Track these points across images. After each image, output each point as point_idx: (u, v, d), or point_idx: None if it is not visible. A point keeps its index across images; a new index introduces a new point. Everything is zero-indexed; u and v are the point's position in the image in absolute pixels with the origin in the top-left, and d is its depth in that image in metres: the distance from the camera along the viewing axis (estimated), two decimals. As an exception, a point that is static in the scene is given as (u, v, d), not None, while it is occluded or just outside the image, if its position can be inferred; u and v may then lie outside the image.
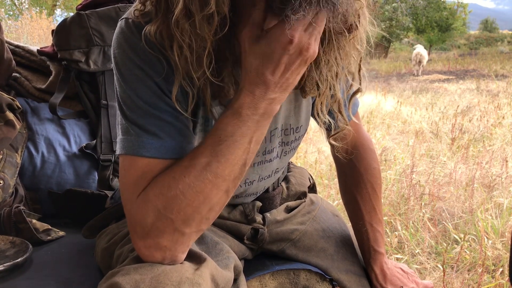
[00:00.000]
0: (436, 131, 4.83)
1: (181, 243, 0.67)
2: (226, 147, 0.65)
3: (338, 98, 0.81)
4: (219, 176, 0.65)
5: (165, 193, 0.65)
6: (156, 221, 0.65)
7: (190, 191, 0.65)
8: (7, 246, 1.05)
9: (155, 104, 0.69)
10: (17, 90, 1.44)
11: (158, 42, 0.68)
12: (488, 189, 2.96)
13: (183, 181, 0.65)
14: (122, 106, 0.71)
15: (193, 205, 0.65)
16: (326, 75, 0.75)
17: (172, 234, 0.66)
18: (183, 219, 0.65)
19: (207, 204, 0.66)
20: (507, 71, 12.83)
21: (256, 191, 0.93)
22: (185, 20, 0.64)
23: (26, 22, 10.63)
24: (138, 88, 0.69)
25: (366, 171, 1.01)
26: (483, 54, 23.02)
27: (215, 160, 0.65)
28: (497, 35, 42.92)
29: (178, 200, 0.65)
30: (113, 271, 0.69)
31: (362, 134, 1.04)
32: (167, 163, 0.69)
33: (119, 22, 0.73)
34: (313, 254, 0.95)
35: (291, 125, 0.88)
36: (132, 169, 0.69)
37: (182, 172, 0.65)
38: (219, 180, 0.65)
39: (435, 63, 17.68)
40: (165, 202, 0.65)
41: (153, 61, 0.69)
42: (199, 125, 0.78)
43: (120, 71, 0.71)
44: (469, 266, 2.05)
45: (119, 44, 0.71)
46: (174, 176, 0.66)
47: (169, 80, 0.70)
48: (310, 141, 4.28)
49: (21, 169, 1.29)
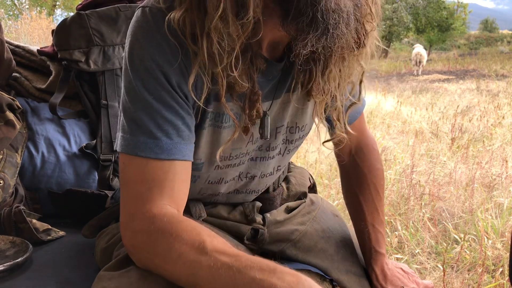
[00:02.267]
0: (436, 131, 4.83)
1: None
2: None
3: (338, 107, 0.82)
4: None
5: (166, 255, 0.65)
6: (143, 247, 0.68)
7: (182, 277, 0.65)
8: (7, 246, 1.05)
9: (160, 98, 0.69)
10: (17, 90, 1.44)
11: (180, 30, 0.67)
12: (488, 189, 2.96)
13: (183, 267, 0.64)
14: (125, 98, 0.71)
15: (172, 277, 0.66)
16: (330, 84, 0.77)
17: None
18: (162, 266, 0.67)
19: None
20: (507, 71, 12.83)
21: (257, 188, 0.93)
22: (221, 22, 0.64)
23: (26, 22, 10.62)
24: (146, 79, 0.69)
25: (370, 171, 1.01)
26: (483, 54, 23.01)
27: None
28: (497, 35, 42.91)
29: (167, 271, 0.66)
30: (99, 275, 0.73)
31: (366, 135, 1.04)
32: (162, 163, 0.69)
33: (136, 11, 0.73)
34: (313, 254, 0.95)
35: (297, 123, 0.88)
36: (130, 167, 0.70)
37: (197, 260, 0.64)
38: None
39: (435, 63, 17.68)
40: (162, 260, 0.66)
41: (167, 52, 0.69)
42: (208, 120, 0.77)
43: (131, 60, 0.70)
44: (469, 266, 2.05)
45: (134, 33, 0.71)
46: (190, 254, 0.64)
47: (182, 72, 0.70)
48: (310, 141, 4.27)
49: (21, 169, 1.29)
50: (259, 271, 0.61)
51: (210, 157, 0.82)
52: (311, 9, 0.62)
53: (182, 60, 0.70)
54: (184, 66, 0.70)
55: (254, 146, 0.85)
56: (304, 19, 0.63)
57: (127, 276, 0.69)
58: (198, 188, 0.87)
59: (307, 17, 0.63)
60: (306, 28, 0.63)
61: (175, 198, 0.71)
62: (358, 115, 0.98)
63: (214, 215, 0.92)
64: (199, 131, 0.77)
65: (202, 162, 0.82)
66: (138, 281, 0.68)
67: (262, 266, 0.62)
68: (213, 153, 0.81)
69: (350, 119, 0.90)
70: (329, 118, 0.86)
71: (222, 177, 0.87)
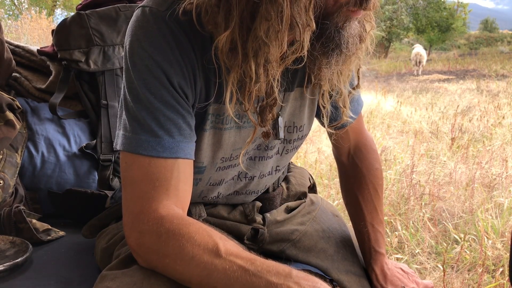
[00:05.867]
0: (436, 131, 4.83)
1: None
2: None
3: (344, 95, 0.86)
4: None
5: (178, 256, 0.65)
6: (152, 247, 0.68)
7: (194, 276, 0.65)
8: (7, 246, 1.05)
9: (161, 97, 0.69)
10: (17, 90, 1.44)
11: (197, 21, 0.68)
12: (488, 189, 2.96)
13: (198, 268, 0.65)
14: (126, 97, 0.71)
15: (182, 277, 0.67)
16: (331, 75, 0.79)
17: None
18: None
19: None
20: (507, 71, 12.83)
21: (257, 189, 0.94)
22: (277, 51, 0.66)
23: (26, 22, 10.62)
24: (147, 78, 0.69)
25: (369, 171, 1.01)
26: (483, 54, 23.02)
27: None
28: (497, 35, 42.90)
29: (178, 272, 0.66)
30: (102, 275, 0.72)
31: (365, 135, 1.04)
32: (166, 162, 0.69)
33: (135, 11, 0.73)
34: (313, 254, 0.95)
35: (295, 123, 0.88)
36: (133, 166, 0.70)
37: (212, 263, 0.64)
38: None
39: (435, 63, 17.68)
40: (173, 261, 0.66)
41: (167, 51, 0.69)
42: (209, 122, 0.77)
43: (131, 59, 0.70)
44: (469, 266, 2.05)
45: (133, 33, 0.71)
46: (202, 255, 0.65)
47: (182, 71, 0.70)
48: (310, 141, 4.28)
49: (21, 169, 1.29)
50: (275, 275, 0.62)
51: (212, 160, 0.82)
52: (337, 35, 0.69)
53: (184, 60, 0.70)
54: (186, 66, 0.70)
55: (253, 145, 0.85)
56: (330, 45, 0.69)
57: (130, 276, 0.69)
58: (199, 190, 0.87)
59: (333, 43, 0.69)
60: (330, 52, 0.70)
61: (180, 197, 0.71)
62: (356, 116, 0.98)
63: (214, 215, 0.92)
64: (201, 133, 0.77)
65: (204, 166, 0.82)
66: (142, 281, 0.68)
67: (278, 270, 0.63)
68: (215, 156, 0.81)
69: (350, 108, 0.92)
70: (332, 104, 0.89)
71: (222, 178, 0.87)
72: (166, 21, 0.69)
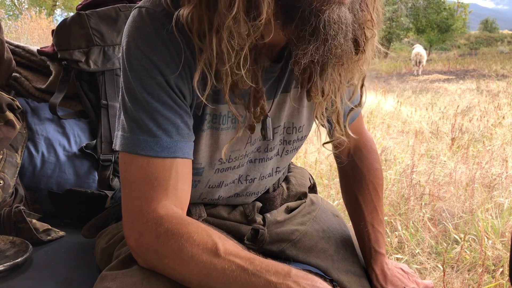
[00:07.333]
0: (436, 131, 4.83)
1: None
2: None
3: (338, 110, 0.82)
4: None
5: (177, 256, 0.65)
6: (151, 248, 0.67)
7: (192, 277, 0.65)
8: (7, 246, 1.05)
9: (159, 97, 0.69)
10: (17, 90, 1.44)
11: (188, 27, 0.67)
12: (488, 189, 2.96)
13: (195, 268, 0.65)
14: (124, 97, 0.71)
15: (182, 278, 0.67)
16: (329, 87, 0.76)
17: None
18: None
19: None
20: (507, 71, 12.84)
21: (257, 190, 0.93)
22: (233, 22, 0.64)
23: (26, 22, 10.62)
24: (144, 78, 0.69)
25: (369, 171, 1.01)
26: (483, 54, 23.03)
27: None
28: (497, 35, 42.93)
29: (177, 272, 0.66)
30: (102, 275, 0.72)
31: (365, 135, 1.04)
32: (164, 162, 0.69)
33: (132, 11, 0.73)
34: (313, 254, 0.95)
35: (294, 123, 0.88)
36: (131, 166, 0.70)
37: (211, 263, 0.64)
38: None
39: (435, 63, 17.69)
40: (172, 261, 0.66)
41: (164, 51, 0.69)
42: (206, 122, 0.77)
43: (128, 60, 0.70)
44: (469, 266, 2.05)
45: (130, 33, 0.71)
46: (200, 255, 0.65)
47: (180, 71, 0.70)
48: (310, 141, 4.27)
49: (21, 169, 1.29)
50: (274, 274, 0.62)
51: (210, 161, 0.82)
52: (315, 19, 0.63)
53: (180, 60, 0.70)
54: (182, 65, 0.70)
55: (252, 147, 0.85)
56: (307, 28, 0.64)
57: (130, 276, 0.69)
58: (198, 193, 0.87)
59: (310, 26, 0.64)
60: (308, 37, 0.65)
61: (179, 197, 0.71)
62: (356, 116, 0.98)
63: (214, 215, 0.92)
64: (199, 133, 0.77)
65: (202, 167, 0.82)
66: (142, 281, 0.68)
67: (277, 269, 0.63)
68: (213, 157, 0.81)
69: (349, 120, 0.90)
70: (329, 120, 0.86)
71: (222, 180, 0.87)
72: (162, 22, 0.69)
